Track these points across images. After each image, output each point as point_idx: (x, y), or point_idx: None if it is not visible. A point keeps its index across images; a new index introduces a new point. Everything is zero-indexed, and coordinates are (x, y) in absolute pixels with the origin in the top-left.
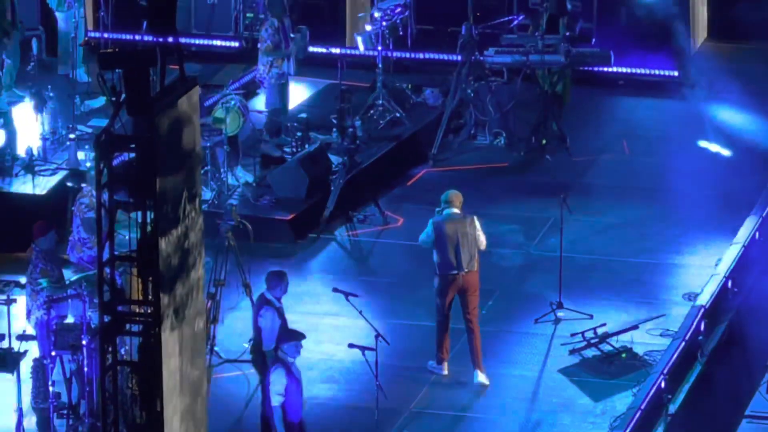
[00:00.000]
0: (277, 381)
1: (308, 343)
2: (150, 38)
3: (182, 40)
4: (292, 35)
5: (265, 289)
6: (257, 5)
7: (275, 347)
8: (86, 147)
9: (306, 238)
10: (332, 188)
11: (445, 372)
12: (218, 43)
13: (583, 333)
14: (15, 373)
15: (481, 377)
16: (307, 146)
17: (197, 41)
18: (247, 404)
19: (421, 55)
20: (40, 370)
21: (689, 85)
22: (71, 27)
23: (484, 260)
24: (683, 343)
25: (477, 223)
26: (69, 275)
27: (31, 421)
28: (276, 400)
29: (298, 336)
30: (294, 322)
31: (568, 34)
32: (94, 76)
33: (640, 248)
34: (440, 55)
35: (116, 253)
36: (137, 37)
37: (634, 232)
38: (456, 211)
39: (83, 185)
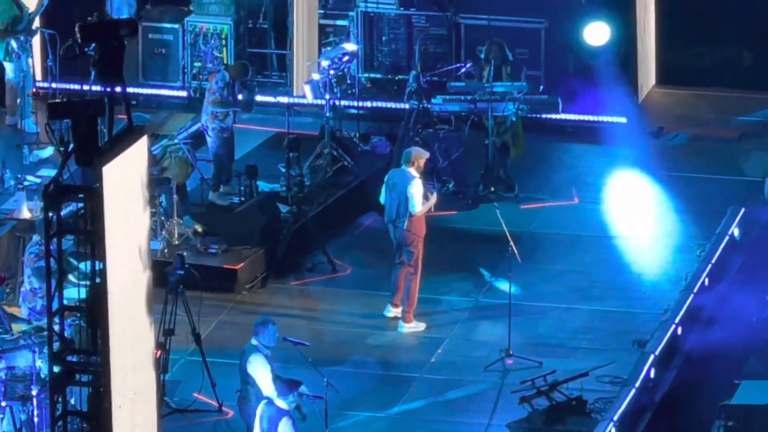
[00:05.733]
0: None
1: None
2: (98, 88)
3: (130, 89)
4: (239, 89)
5: (253, 337)
6: (205, 55)
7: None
8: (35, 197)
9: (255, 287)
10: (281, 237)
11: (389, 315)
12: (166, 92)
13: (533, 380)
14: None
15: (405, 328)
16: (255, 195)
17: (145, 91)
18: None
19: (369, 104)
20: None
21: (646, 132)
22: (19, 77)
23: (434, 307)
24: (633, 391)
25: (413, 187)
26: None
27: None
28: None
29: (296, 385)
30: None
31: (524, 83)
32: (42, 126)
33: (589, 295)
34: (388, 103)
35: (66, 303)
36: (85, 87)
37: (582, 279)
38: (405, 168)
39: (34, 235)
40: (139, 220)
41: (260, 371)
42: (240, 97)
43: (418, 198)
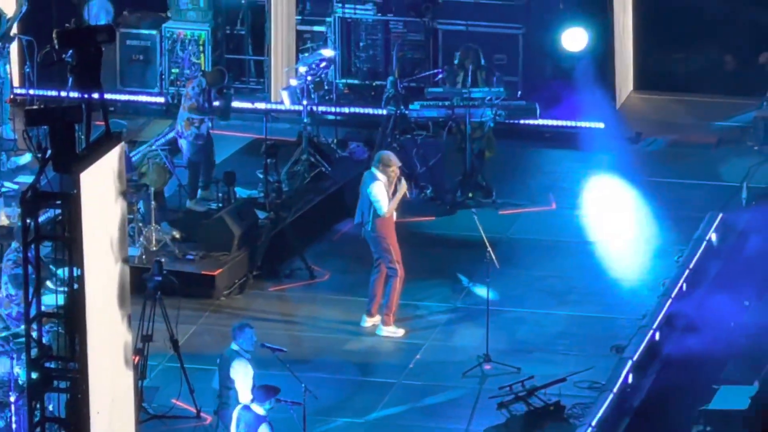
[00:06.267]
0: None
1: None
2: (75, 94)
3: (108, 96)
4: (215, 96)
5: (233, 342)
6: (182, 61)
7: (252, 402)
8: (13, 204)
9: (233, 293)
10: (259, 243)
11: (366, 325)
12: (144, 98)
13: (511, 386)
14: None
15: (384, 331)
16: (233, 201)
17: (123, 97)
18: None
19: (346, 110)
20: None
21: (623, 137)
22: None
23: (412, 312)
24: (611, 396)
25: (373, 190)
26: None
27: None
28: None
29: (274, 391)
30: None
31: (502, 89)
32: (20, 132)
33: (566, 300)
34: (366, 109)
35: (43, 309)
36: (63, 94)
37: (560, 284)
38: (373, 171)
39: (12, 242)
40: (116, 226)
41: (242, 377)
42: (216, 103)
43: (382, 200)
